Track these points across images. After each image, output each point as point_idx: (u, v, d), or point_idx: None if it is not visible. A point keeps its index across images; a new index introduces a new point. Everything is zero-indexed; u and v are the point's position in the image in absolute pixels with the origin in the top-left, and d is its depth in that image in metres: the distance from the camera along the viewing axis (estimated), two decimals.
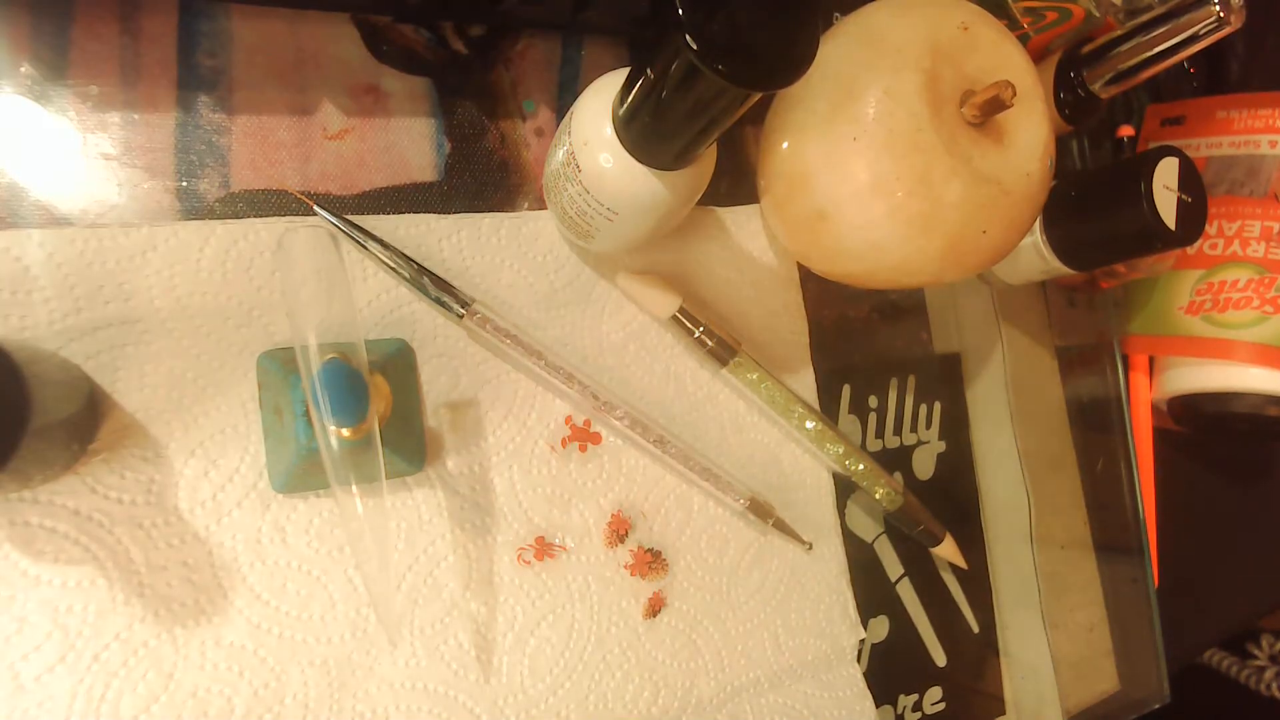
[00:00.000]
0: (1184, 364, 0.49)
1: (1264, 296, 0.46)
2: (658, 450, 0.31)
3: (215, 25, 0.27)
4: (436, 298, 0.28)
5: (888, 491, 0.35)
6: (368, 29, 0.29)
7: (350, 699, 0.27)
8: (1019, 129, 0.28)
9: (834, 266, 0.31)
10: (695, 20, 0.18)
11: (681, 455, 0.31)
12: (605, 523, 0.31)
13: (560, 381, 0.29)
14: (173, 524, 0.25)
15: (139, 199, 0.26)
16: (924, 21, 0.28)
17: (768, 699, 0.34)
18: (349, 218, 0.27)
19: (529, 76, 0.32)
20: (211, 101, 0.27)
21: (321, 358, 0.22)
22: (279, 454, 0.26)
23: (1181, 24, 0.36)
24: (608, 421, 0.31)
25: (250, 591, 0.26)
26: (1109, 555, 0.48)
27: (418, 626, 0.28)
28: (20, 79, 0.25)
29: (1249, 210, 0.46)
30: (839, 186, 0.28)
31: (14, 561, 0.23)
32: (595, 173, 0.25)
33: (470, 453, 0.29)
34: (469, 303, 0.28)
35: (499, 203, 0.31)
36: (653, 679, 0.32)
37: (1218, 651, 0.76)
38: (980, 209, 0.27)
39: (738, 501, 0.32)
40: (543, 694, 0.30)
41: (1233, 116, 0.48)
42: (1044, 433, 0.45)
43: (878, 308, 0.40)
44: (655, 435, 0.31)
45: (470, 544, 0.29)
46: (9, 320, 0.23)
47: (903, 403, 0.40)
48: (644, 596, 0.32)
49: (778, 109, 0.30)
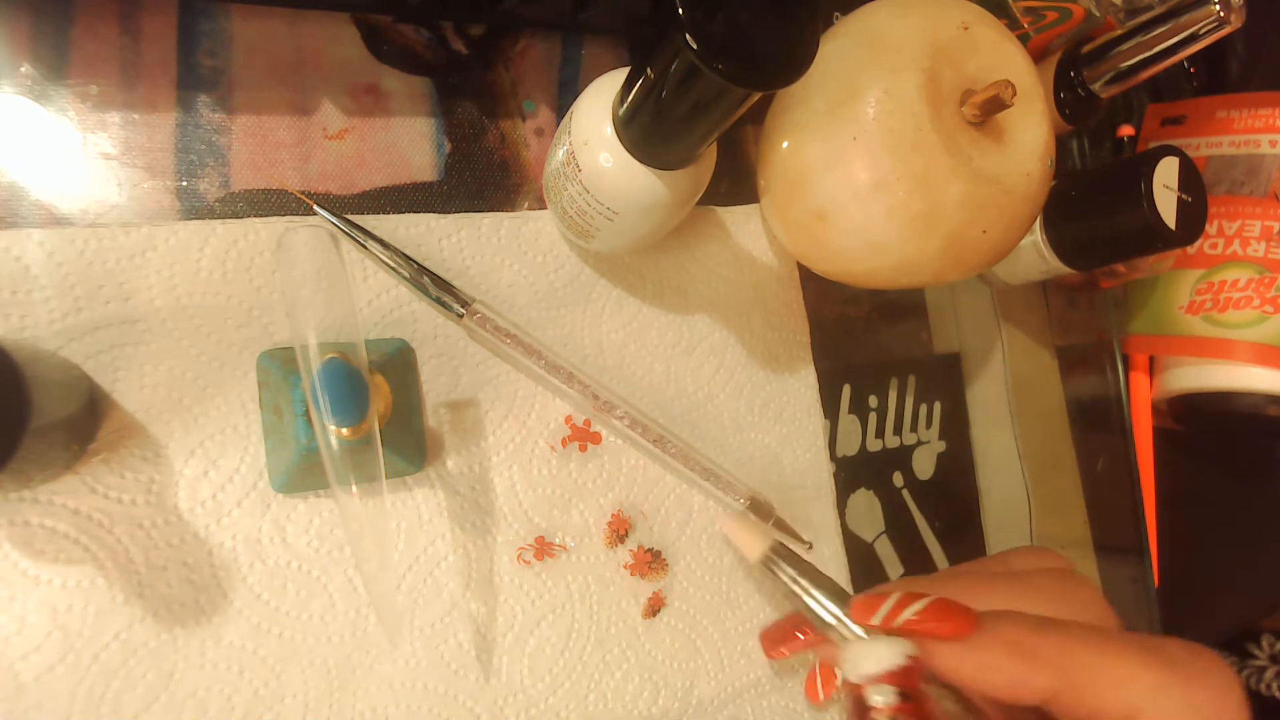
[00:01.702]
0: (1184, 364, 0.49)
1: (1264, 296, 0.46)
2: (658, 450, 0.31)
3: (215, 25, 0.27)
4: (437, 297, 0.28)
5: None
6: (368, 29, 0.29)
7: (350, 699, 0.27)
8: (1019, 129, 0.28)
9: (834, 266, 0.31)
10: (695, 20, 0.18)
11: (681, 455, 0.31)
12: (605, 523, 0.31)
13: (560, 381, 0.29)
14: (173, 524, 0.25)
15: (139, 199, 0.26)
16: (924, 21, 0.28)
17: (769, 700, 0.34)
18: (349, 217, 0.27)
19: (529, 76, 0.32)
20: (211, 101, 0.27)
21: (321, 357, 0.22)
22: (279, 454, 0.26)
23: (1181, 24, 0.36)
24: (608, 421, 0.31)
25: (250, 591, 0.26)
26: (1109, 555, 0.48)
27: (418, 626, 0.28)
28: (20, 79, 0.25)
29: (1249, 210, 0.46)
30: (839, 186, 0.28)
31: (14, 561, 0.23)
32: (595, 172, 0.25)
33: (470, 453, 0.29)
34: (469, 302, 0.28)
35: (499, 202, 0.31)
36: (653, 679, 0.32)
37: (1218, 651, 0.76)
38: (980, 209, 0.27)
39: (738, 501, 0.32)
40: (542, 694, 0.30)
41: (1233, 116, 0.48)
42: (1044, 433, 0.45)
43: (878, 308, 0.40)
44: (655, 435, 0.31)
45: (470, 544, 0.29)
46: (9, 320, 0.23)
47: (903, 403, 0.40)
48: (644, 596, 0.32)
49: (778, 109, 0.30)
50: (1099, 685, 0.21)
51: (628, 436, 0.31)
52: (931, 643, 0.23)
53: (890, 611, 0.23)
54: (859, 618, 0.24)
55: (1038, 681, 0.21)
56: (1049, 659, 0.21)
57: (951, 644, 0.22)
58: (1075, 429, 0.47)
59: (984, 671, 0.22)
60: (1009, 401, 0.44)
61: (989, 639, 0.22)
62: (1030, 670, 0.21)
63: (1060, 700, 0.21)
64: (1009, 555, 0.30)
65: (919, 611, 0.23)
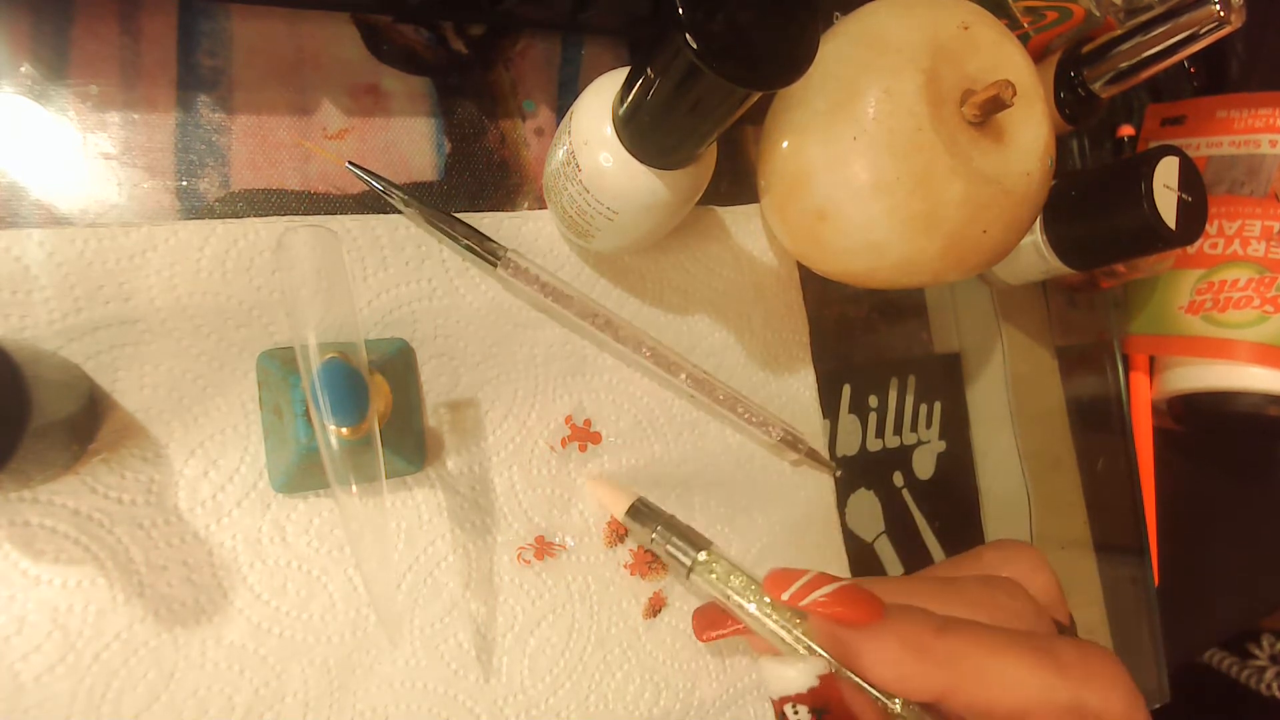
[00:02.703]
0: (1184, 363, 0.49)
1: (1264, 296, 0.46)
2: (688, 386, 0.32)
3: (215, 25, 0.27)
4: (467, 246, 0.28)
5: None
6: (368, 29, 0.29)
7: (350, 699, 0.27)
8: (1019, 129, 0.28)
9: (834, 266, 0.31)
10: (695, 20, 0.18)
11: (704, 385, 0.32)
12: (605, 522, 0.31)
13: (595, 327, 0.30)
14: (173, 524, 0.25)
15: (139, 198, 0.26)
16: (924, 21, 0.28)
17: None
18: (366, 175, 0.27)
19: (529, 76, 0.32)
20: (211, 101, 0.27)
21: (321, 357, 0.22)
22: (279, 454, 0.26)
23: (1181, 24, 0.36)
24: (642, 364, 0.31)
25: (250, 591, 0.26)
26: (1109, 555, 0.48)
27: (418, 626, 0.28)
28: (20, 79, 0.25)
29: (1249, 210, 0.47)
30: (839, 186, 0.28)
31: (14, 561, 0.23)
32: (595, 172, 0.25)
33: (470, 453, 0.29)
34: (502, 254, 0.28)
35: (499, 202, 0.31)
36: (654, 680, 0.32)
37: (1218, 651, 0.76)
38: (980, 209, 0.27)
39: (773, 433, 0.33)
40: (543, 694, 0.30)
41: (1233, 116, 0.48)
42: (1044, 433, 0.45)
43: (878, 308, 0.40)
44: (690, 371, 0.32)
45: (470, 544, 0.29)
46: (9, 320, 0.23)
47: (903, 403, 0.40)
48: (644, 596, 0.32)
49: (778, 109, 0.30)
50: (989, 687, 0.21)
51: (654, 373, 0.32)
52: (836, 629, 0.23)
53: (800, 590, 0.24)
54: (770, 591, 0.25)
55: (926, 681, 0.22)
56: (941, 658, 0.21)
57: (852, 633, 0.23)
58: (1075, 429, 0.47)
59: (877, 665, 0.22)
60: (1009, 401, 0.44)
61: (886, 632, 0.22)
62: (920, 668, 0.22)
63: (950, 700, 0.22)
64: (983, 549, 0.31)
65: (827, 594, 0.23)
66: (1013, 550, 0.29)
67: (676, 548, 0.29)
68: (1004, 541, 0.31)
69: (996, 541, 0.31)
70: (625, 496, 0.30)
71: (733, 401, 0.33)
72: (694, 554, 0.28)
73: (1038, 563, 0.28)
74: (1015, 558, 0.29)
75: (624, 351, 0.31)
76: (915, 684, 0.22)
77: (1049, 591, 0.28)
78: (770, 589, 0.25)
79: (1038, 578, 0.28)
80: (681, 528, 0.29)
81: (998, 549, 0.30)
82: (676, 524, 0.29)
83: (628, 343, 0.31)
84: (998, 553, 0.29)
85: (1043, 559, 0.29)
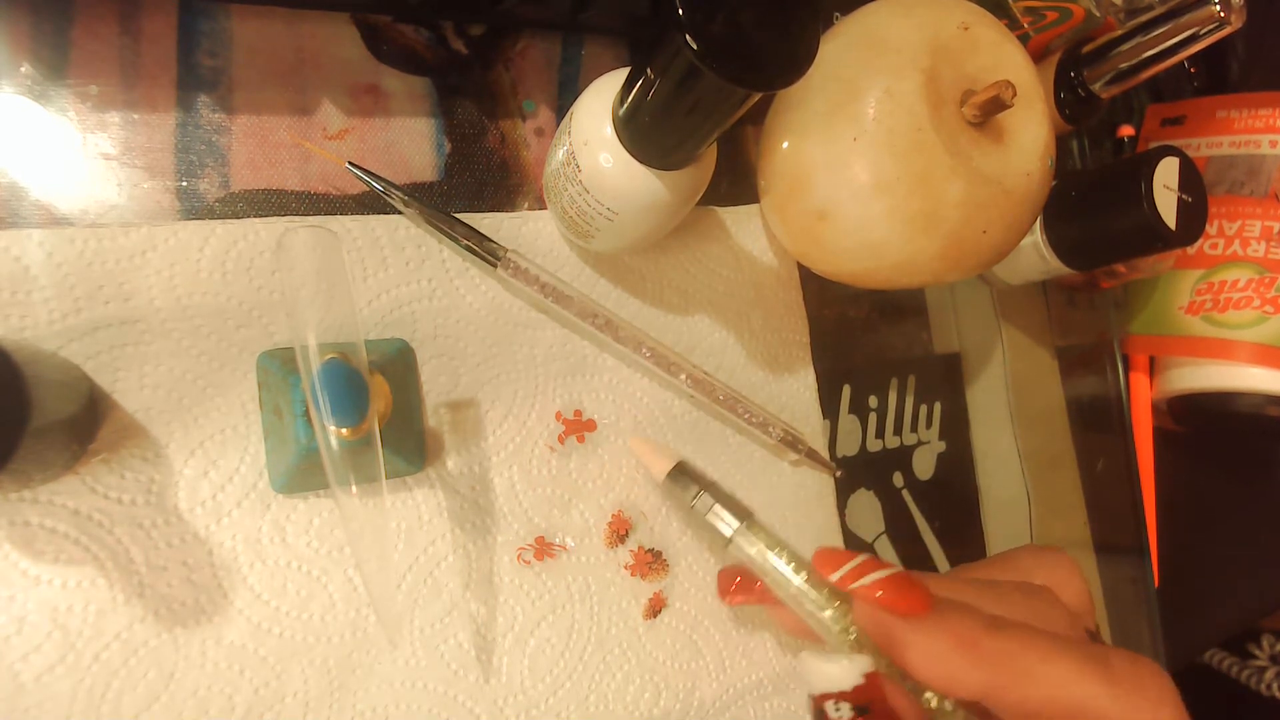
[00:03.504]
0: (1184, 364, 0.49)
1: (1264, 296, 0.46)
2: (688, 387, 0.32)
3: (215, 25, 0.27)
4: (468, 247, 0.28)
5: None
6: (368, 29, 0.29)
7: (350, 699, 0.27)
8: (1019, 129, 0.28)
9: (834, 266, 0.31)
10: (695, 20, 0.18)
11: (703, 386, 0.32)
12: (606, 523, 0.31)
13: (595, 328, 0.30)
14: (173, 524, 0.25)
15: (139, 199, 0.26)
16: (924, 21, 0.28)
17: (771, 703, 0.34)
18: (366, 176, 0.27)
19: (529, 76, 0.32)
20: (211, 101, 0.27)
21: (321, 358, 0.22)
22: (279, 454, 0.26)
23: (1181, 24, 0.36)
24: (642, 364, 0.31)
25: (250, 591, 0.26)
26: (1109, 555, 0.48)
27: (418, 626, 0.28)
28: (20, 79, 0.25)
29: (1249, 210, 0.47)
30: (839, 186, 0.28)
31: (14, 561, 0.23)
32: (595, 172, 0.25)
33: (470, 453, 0.29)
34: (501, 254, 0.28)
35: (499, 203, 0.31)
36: (654, 680, 0.32)
37: (1218, 651, 0.76)
38: (980, 209, 0.27)
39: (773, 433, 0.33)
40: (543, 694, 0.30)
41: (1233, 116, 0.48)
42: (1044, 433, 0.45)
43: (878, 308, 0.40)
44: (685, 368, 0.32)
45: (470, 544, 0.29)
46: (9, 320, 0.23)
47: (903, 403, 0.40)
48: (644, 597, 0.32)
49: (778, 109, 0.30)
50: (1039, 689, 0.21)
51: (654, 374, 0.32)
52: (883, 617, 0.23)
53: (851, 572, 0.23)
54: (821, 570, 0.24)
55: (973, 678, 0.21)
56: (992, 657, 0.21)
57: (902, 624, 0.22)
58: (1075, 429, 0.47)
59: (926, 660, 0.22)
60: (1009, 401, 0.44)
61: (937, 626, 0.22)
62: (968, 665, 0.21)
63: (993, 700, 0.21)
64: (1018, 553, 0.30)
65: (878, 580, 0.23)
66: (1048, 556, 0.29)
67: (717, 515, 0.28)
68: (1039, 547, 0.31)
69: (1031, 546, 0.31)
70: (668, 458, 0.29)
71: (733, 402, 0.33)
72: (736, 522, 0.27)
73: (1072, 571, 0.28)
74: (1051, 564, 0.28)
75: (624, 352, 0.31)
76: (962, 680, 0.21)
77: (1081, 600, 0.27)
78: (821, 567, 0.24)
79: (1071, 585, 0.27)
80: (724, 495, 0.28)
81: (1034, 554, 0.29)
82: (719, 490, 0.28)
83: (628, 343, 0.30)
84: (1033, 558, 0.29)
85: (1076, 567, 0.28)
